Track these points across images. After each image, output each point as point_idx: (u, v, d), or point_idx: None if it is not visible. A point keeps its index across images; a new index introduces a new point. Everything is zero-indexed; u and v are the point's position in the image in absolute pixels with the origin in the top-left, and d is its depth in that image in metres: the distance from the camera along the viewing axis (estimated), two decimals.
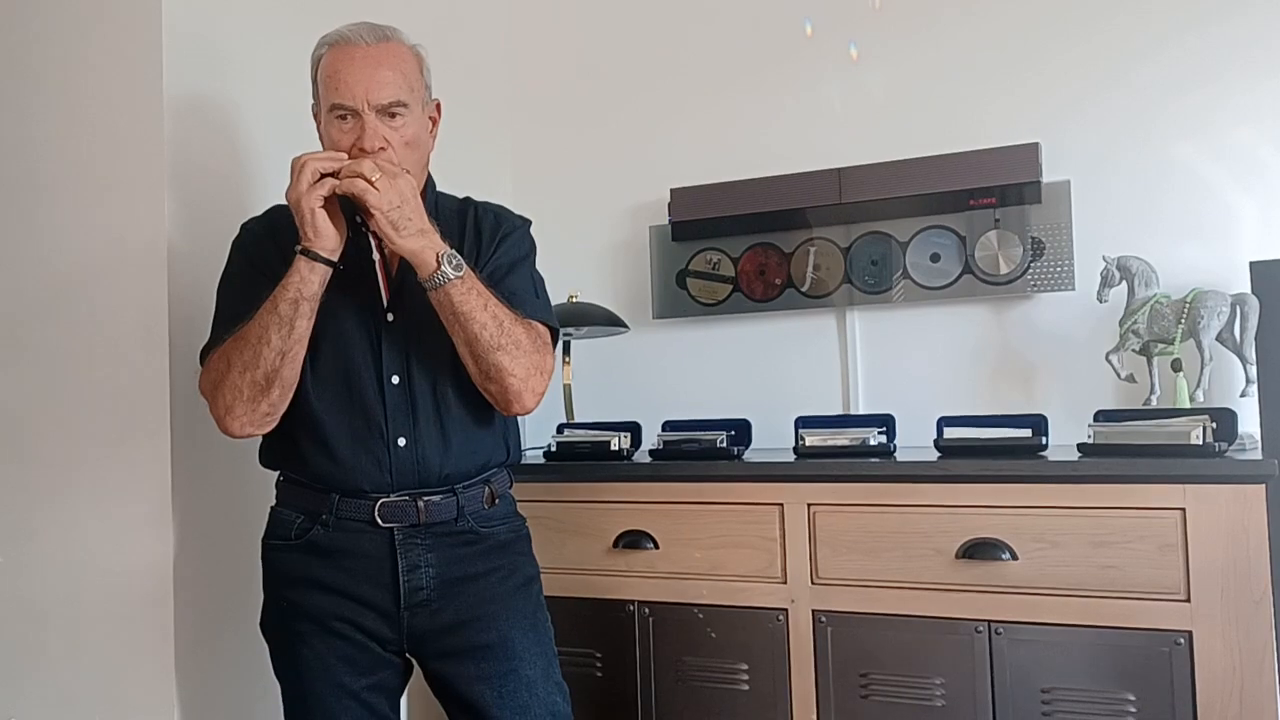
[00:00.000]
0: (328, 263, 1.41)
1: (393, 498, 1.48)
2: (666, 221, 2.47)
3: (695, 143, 2.54)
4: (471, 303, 1.42)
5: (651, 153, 2.59)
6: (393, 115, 1.47)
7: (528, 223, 1.65)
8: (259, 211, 1.62)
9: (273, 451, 1.56)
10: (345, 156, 1.41)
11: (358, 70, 1.45)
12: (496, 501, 1.57)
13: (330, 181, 1.38)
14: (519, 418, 1.63)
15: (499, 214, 1.63)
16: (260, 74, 1.94)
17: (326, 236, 1.40)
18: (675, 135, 2.57)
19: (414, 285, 1.45)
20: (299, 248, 1.40)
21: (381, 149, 1.45)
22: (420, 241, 1.40)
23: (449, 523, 1.51)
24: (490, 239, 1.58)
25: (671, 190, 2.45)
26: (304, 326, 1.41)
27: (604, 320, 2.37)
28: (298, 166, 1.39)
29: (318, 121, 1.54)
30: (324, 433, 1.48)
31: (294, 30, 1.97)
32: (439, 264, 1.40)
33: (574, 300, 2.38)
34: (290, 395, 1.45)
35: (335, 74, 1.46)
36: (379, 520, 1.48)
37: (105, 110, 1.81)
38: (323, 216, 1.39)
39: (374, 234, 1.48)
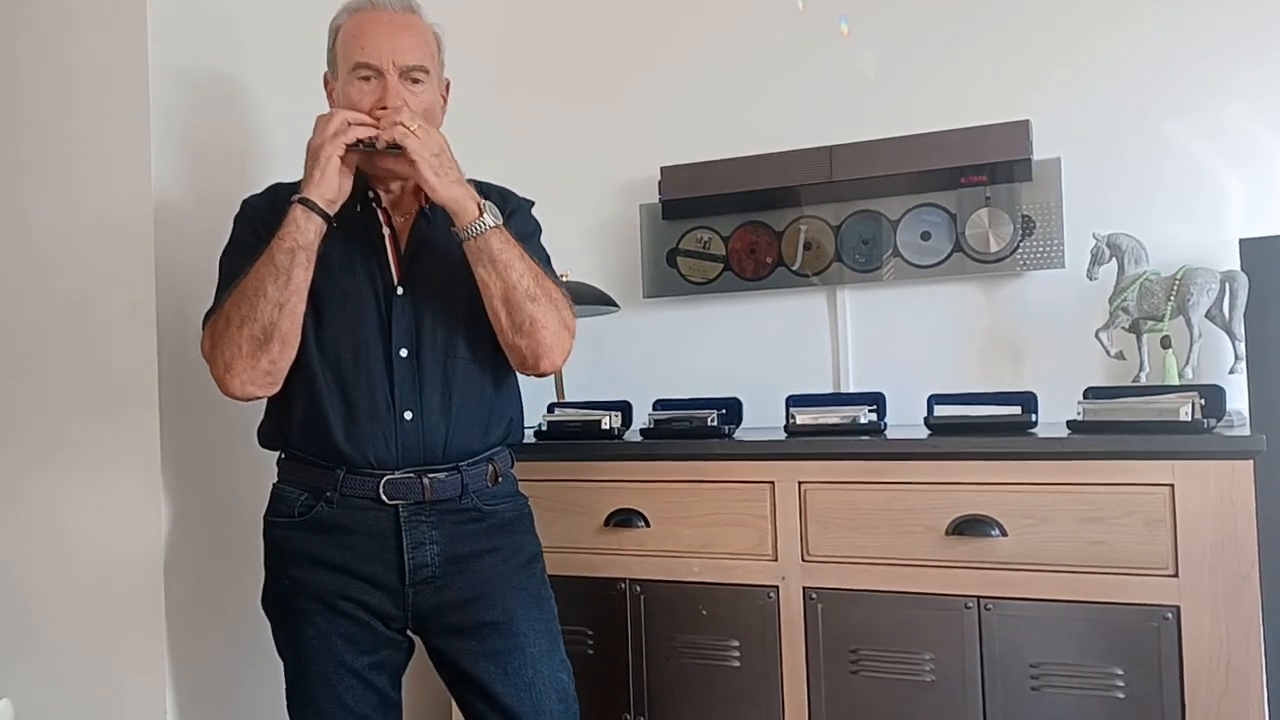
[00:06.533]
0: (323, 215, 1.41)
1: (398, 474, 1.47)
2: (657, 200, 2.46)
3: (686, 121, 2.53)
4: (510, 251, 1.44)
5: (642, 131, 2.57)
6: (415, 80, 1.48)
7: (531, 203, 1.68)
8: (248, 182, 1.62)
9: (276, 428, 1.54)
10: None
11: (384, 32, 1.47)
12: (500, 480, 1.57)
13: (357, 131, 1.39)
14: (520, 400, 1.63)
15: (504, 193, 1.65)
16: (251, 42, 1.92)
17: (329, 186, 1.40)
18: (666, 113, 2.55)
19: (425, 260, 1.45)
20: (296, 197, 1.40)
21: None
22: (461, 190, 1.42)
23: (453, 500, 1.51)
24: None
25: (662, 168, 2.43)
26: (301, 277, 1.40)
27: (594, 299, 2.36)
28: (328, 117, 1.40)
29: (328, 89, 1.54)
30: (331, 406, 1.47)
31: None
32: (481, 211, 1.41)
33: (564, 279, 2.37)
34: (291, 353, 1.44)
35: (360, 34, 1.47)
36: (384, 497, 1.47)
37: (90, 80, 1.78)
38: (335, 166, 1.40)
39: (384, 210, 1.50)
